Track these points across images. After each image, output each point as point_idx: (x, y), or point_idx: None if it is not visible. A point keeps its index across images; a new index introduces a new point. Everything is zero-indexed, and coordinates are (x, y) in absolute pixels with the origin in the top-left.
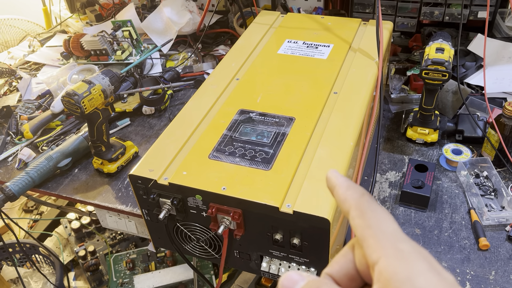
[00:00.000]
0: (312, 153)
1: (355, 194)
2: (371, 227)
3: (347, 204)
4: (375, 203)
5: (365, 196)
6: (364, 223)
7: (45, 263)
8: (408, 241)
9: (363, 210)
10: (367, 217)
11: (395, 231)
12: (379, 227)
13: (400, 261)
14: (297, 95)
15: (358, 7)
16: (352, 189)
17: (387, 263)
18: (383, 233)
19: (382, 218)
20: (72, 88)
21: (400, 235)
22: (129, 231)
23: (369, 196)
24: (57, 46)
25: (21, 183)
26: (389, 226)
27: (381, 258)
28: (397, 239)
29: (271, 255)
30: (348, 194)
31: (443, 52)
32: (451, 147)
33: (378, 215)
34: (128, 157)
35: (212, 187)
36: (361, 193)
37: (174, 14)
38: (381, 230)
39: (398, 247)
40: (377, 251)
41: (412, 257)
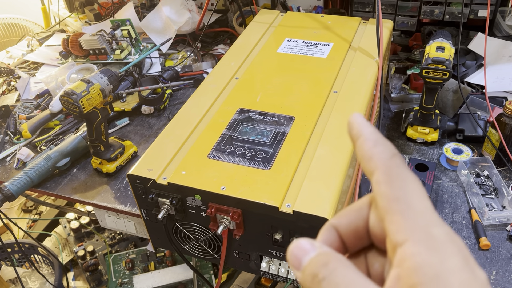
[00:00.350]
0: (312, 153)
1: (385, 154)
2: (400, 200)
3: (372, 163)
4: (407, 170)
5: (396, 159)
6: (391, 193)
7: (44, 263)
8: (442, 225)
9: (392, 176)
10: (397, 186)
11: (428, 210)
12: (410, 202)
13: (432, 252)
14: (297, 94)
15: (358, 5)
16: (381, 146)
17: (415, 251)
18: (413, 211)
19: (414, 190)
20: (70, 87)
21: (434, 216)
22: (128, 231)
23: (401, 159)
24: (55, 46)
25: (19, 183)
26: (421, 203)
27: (407, 241)
28: (430, 221)
29: (270, 255)
30: (376, 152)
31: (444, 51)
32: (451, 147)
33: (410, 186)
34: (127, 157)
35: (211, 186)
36: (392, 153)
37: (173, 13)
38: (412, 206)
39: (430, 233)
40: (404, 231)
41: (446, 248)
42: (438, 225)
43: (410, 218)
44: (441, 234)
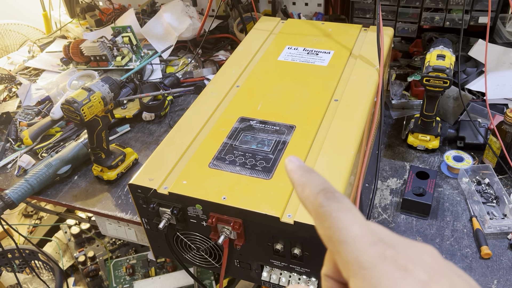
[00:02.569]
0: (313, 162)
1: (310, 196)
2: (331, 240)
3: (307, 210)
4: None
5: (319, 198)
6: (325, 235)
7: (44, 269)
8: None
9: (320, 217)
10: (326, 227)
11: (356, 237)
12: (339, 239)
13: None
14: (298, 102)
15: (359, 12)
16: (307, 189)
17: (354, 285)
18: (343, 246)
19: (340, 224)
20: (71, 95)
21: (362, 241)
22: (129, 238)
23: (324, 195)
24: (56, 52)
25: (20, 191)
26: (349, 233)
27: (349, 278)
28: (359, 250)
29: (271, 265)
30: (304, 198)
31: (444, 59)
32: (452, 154)
33: (336, 221)
34: (128, 164)
35: (212, 196)
36: (316, 192)
37: (174, 19)
38: (341, 242)
39: (360, 264)
40: (344, 269)
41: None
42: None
43: (343, 255)
44: (369, 260)
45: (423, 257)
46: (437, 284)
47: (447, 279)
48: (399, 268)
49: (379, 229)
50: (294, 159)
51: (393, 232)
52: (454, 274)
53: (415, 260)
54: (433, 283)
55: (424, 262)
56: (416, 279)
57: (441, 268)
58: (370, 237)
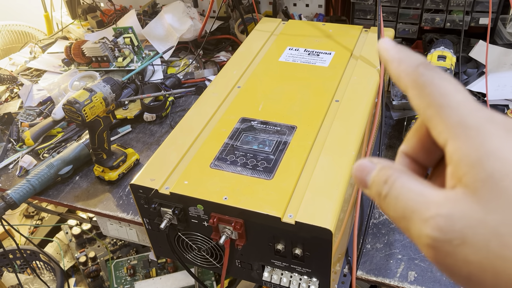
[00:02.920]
0: (314, 162)
1: (408, 69)
2: (432, 105)
3: (402, 83)
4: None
5: (419, 68)
6: (423, 102)
7: (45, 270)
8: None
9: (419, 87)
10: (425, 94)
11: (460, 103)
12: (441, 103)
13: (469, 142)
14: (299, 103)
15: (359, 13)
16: (404, 63)
17: (455, 147)
18: (446, 109)
19: (443, 90)
20: (73, 96)
21: (467, 105)
22: (130, 239)
23: (425, 66)
24: (58, 53)
25: (22, 191)
26: (452, 98)
27: (448, 140)
28: (464, 113)
29: (273, 265)
30: (401, 71)
31: (445, 60)
32: None
33: (438, 87)
34: (129, 165)
35: (213, 197)
36: (415, 65)
37: (176, 20)
38: (444, 106)
39: (465, 124)
40: (443, 132)
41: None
42: (472, 113)
43: (445, 118)
44: (476, 121)
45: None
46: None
47: None
48: (508, 130)
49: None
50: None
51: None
52: None
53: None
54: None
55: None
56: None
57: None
58: (476, 105)
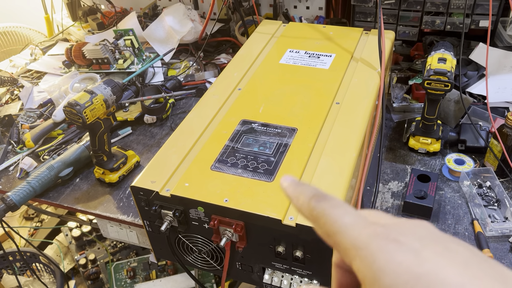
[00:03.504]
0: (314, 164)
1: (304, 204)
2: (328, 234)
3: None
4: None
5: (311, 202)
6: (322, 233)
7: (45, 272)
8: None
9: (315, 219)
10: (321, 225)
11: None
12: (334, 231)
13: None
14: (299, 105)
15: (360, 15)
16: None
17: (355, 267)
18: (339, 235)
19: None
20: (74, 98)
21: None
22: (131, 241)
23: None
24: (59, 55)
25: (22, 193)
26: (342, 223)
27: (351, 263)
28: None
29: (273, 267)
30: (299, 206)
31: (445, 62)
32: (453, 157)
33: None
34: (130, 167)
35: (214, 199)
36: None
37: (176, 22)
38: (337, 233)
39: (356, 246)
40: (345, 257)
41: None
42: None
43: (340, 243)
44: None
45: (416, 230)
46: (430, 248)
47: (441, 244)
48: (391, 241)
49: (371, 214)
50: (287, 177)
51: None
52: (449, 240)
53: (406, 233)
54: (426, 248)
55: (417, 233)
56: (408, 247)
57: (434, 236)
58: (362, 223)
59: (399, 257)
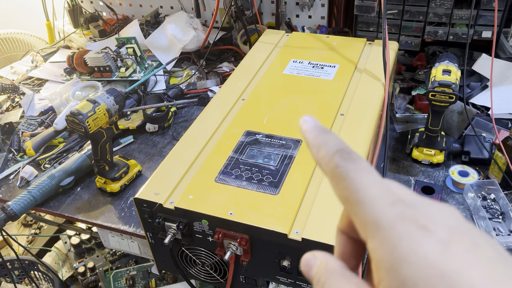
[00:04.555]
0: (320, 177)
1: (326, 158)
2: (348, 200)
3: (322, 170)
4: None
5: (336, 158)
6: (341, 196)
7: (44, 280)
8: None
9: (336, 178)
10: (342, 188)
11: (374, 198)
12: (356, 200)
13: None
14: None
15: (362, 25)
16: (322, 150)
17: (372, 246)
18: (360, 207)
19: (357, 185)
20: (76, 107)
21: (381, 202)
22: (132, 251)
23: (341, 156)
24: (60, 62)
25: (23, 202)
26: (367, 194)
27: (366, 239)
28: (377, 211)
29: (278, 281)
30: (320, 158)
31: (450, 74)
32: (457, 169)
33: (353, 182)
34: (132, 176)
35: (218, 212)
36: (332, 153)
37: (179, 31)
38: (359, 203)
39: (378, 224)
40: (361, 229)
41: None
42: (384, 211)
43: (360, 216)
44: (388, 220)
45: (445, 216)
46: (458, 242)
47: (469, 238)
48: (419, 228)
49: (399, 189)
50: (309, 119)
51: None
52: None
53: (435, 220)
54: (454, 242)
55: (445, 221)
56: (436, 238)
57: (462, 227)
58: (389, 198)
59: (426, 249)
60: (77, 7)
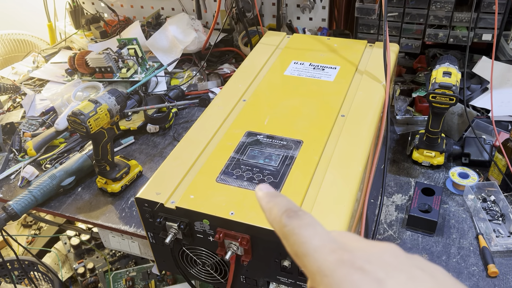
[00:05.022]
0: (321, 178)
1: (276, 219)
2: (296, 254)
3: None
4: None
5: (283, 219)
6: (291, 251)
7: (43, 281)
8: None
9: (285, 237)
10: (290, 244)
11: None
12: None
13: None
14: (305, 117)
15: (363, 27)
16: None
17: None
18: (306, 258)
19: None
20: (78, 107)
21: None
22: (132, 252)
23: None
24: (61, 63)
25: (23, 202)
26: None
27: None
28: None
29: (278, 281)
30: (271, 221)
31: (450, 76)
32: (457, 171)
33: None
34: (132, 176)
35: (220, 211)
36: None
37: (180, 32)
38: (304, 255)
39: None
40: (311, 281)
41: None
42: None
43: (307, 266)
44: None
45: (383, 256)
46: (393, 279)
47: (405, 273)
48: (356, 270)
49: (342, 236)
50: (263, 187)
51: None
52: (415, 268)
53: (372, 261)
54: (389, 279)
55: (383, 260)
56: (372, 277)
57: (400, 264)
58: (330, 246)
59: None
60: (78, 8)
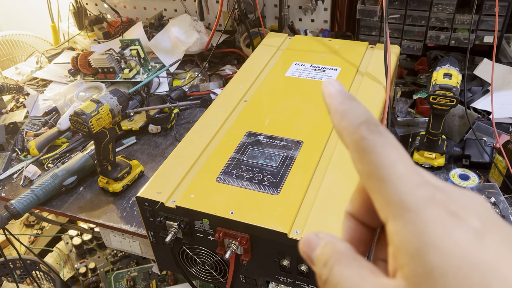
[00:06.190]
0: (320, 178)
1: (350, 127)
2: (372, 176)
3: (344, 141)
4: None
5: (361, 130)
6: (364, 170)
7: (45, 280)
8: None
9: (360, 151)
10: (366, 162)
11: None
12: (381, 176)
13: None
14: (305, 118)
15: (365, 29)
16: (347, 118)
17: (395, 228)
18: (386, 185)
19: (384, 160)
20: (80, 107)
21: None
22: (133, 251)
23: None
24: (64, 63)
25: (26, 201)
26: (393, 171)
27: (388, 219)
28: (404, 191)
29: (277, 281)
30: (343, 127)
31: (451, 78)
32: (458, 172)
33: (379, 157)
34: (134, 176)
35: (219, 211)
36: (358, 123)
37: (182, 33)
38: (384, 180)
39: (405, 205)
40: (383, 209)
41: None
42: (413, 192)
43: (384, 194)
44: (416, 202)
45: (476, 206)
46: (491, 234)
47: (502, 231)
48: (450, 213)
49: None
50: (335, 82)
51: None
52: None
53: (467, 207)
54: (487, 233)
55: (477, 211)
56: (469, 226)
57: (494, 218)
58: (417, 178)
59: (457, 236)
60: (82, 9)
